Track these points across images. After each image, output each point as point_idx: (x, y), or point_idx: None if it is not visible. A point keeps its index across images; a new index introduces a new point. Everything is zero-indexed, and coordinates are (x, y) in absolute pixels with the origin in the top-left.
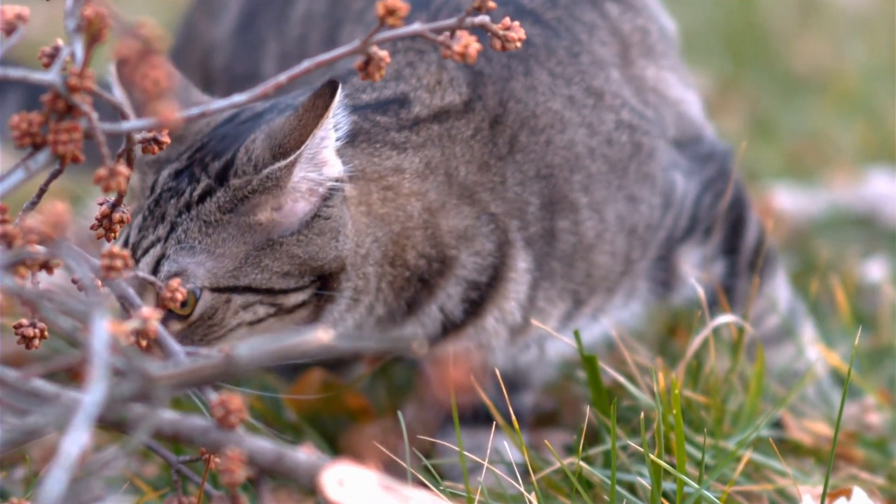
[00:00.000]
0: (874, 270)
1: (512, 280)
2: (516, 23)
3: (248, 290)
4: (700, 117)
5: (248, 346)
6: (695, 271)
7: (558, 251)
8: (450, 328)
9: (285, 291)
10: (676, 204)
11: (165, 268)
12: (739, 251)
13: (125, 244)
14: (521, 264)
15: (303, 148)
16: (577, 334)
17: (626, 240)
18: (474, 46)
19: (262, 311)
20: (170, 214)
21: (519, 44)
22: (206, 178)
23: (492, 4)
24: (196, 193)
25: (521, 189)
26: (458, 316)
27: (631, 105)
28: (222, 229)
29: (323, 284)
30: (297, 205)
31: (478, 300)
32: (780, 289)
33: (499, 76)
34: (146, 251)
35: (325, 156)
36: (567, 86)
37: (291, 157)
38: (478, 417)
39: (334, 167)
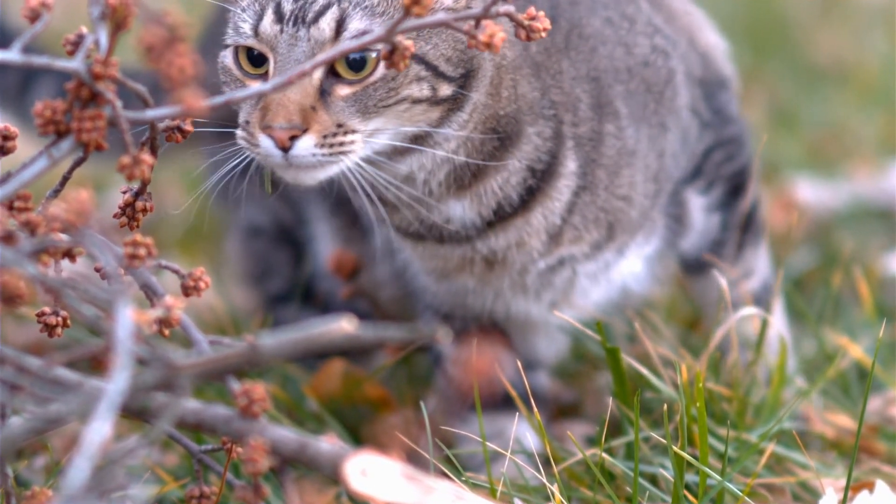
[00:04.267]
0: None
1: (562, 176)
2: (541, 13)
3: (422, 60)
4: (720, 49)
5: (272, 337)
6: (700, 214)
7: (604, 157)
8: (502, 214)
9: (444, 77)
10: (690, 145)
11: (352, 25)
12: (734, 209)
13: (277, 15)
14: (570, 164)
15: None
16: (599, 326)
17: (657, 161)
18: (499, 36)
19: (425, 90)
20: None
21: (544, 33)
22: None
23: None
24: None
25: (574, 84)
26: (514, 200)
27: (664, 32)
28: None
29: (461, 87)
30: None
31: (534, 188)
32: (760, 259)
33: None
34: (320, 13)
35: None
36: (605, 9)
37: None
38: (495, 402)
39: None
